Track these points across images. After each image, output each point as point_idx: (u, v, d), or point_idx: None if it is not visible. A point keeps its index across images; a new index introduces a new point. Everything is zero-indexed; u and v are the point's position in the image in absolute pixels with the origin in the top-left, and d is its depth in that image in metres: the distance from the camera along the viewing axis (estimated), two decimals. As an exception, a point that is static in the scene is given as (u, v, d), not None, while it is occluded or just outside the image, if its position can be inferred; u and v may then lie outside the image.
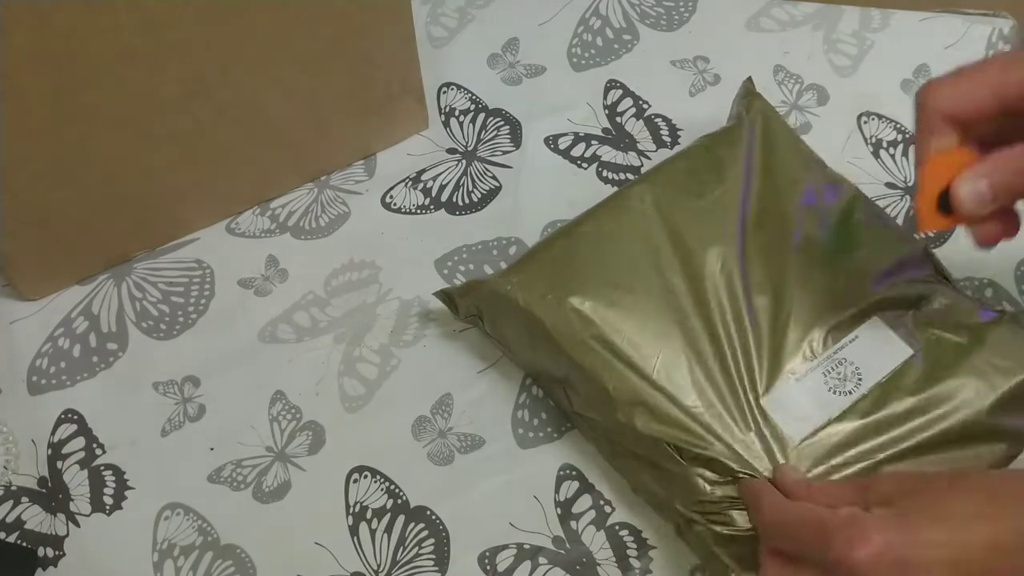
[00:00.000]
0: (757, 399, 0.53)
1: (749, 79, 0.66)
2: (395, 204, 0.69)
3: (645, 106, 0.73)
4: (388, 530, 0.57)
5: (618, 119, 0.72)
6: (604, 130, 0.72)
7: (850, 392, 0.53)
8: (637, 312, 0.55)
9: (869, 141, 0.71)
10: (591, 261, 0.57)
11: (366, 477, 0.58)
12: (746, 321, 0.55)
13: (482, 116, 0.73)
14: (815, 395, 0.53)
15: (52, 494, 0.59)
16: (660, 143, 0.71)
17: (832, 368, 0.54)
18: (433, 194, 0.69)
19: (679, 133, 0.71)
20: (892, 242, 0.59)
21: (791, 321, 0.55)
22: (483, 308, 0.59)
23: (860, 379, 0.53)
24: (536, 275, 0.57)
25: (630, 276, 0.56)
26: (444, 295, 0.61)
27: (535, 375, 0.61)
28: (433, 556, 0.56)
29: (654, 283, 0.56)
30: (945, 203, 0.45)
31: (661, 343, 0.54)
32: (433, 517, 0.57)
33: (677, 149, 0.70)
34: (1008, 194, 0.44)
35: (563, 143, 0.71)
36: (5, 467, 0.59)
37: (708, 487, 0.51)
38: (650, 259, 0.57)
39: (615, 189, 0.66)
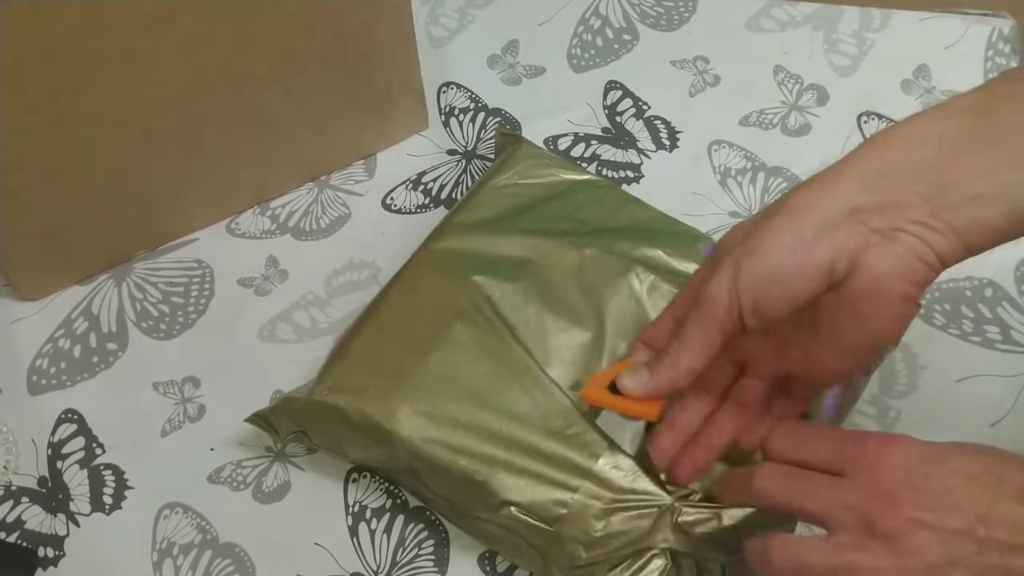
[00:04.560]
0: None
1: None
2: (395, 205, 0.69)
3: (645, 107, 0.73)
4: (387, 530, 0.57)
5: (618, 119, 0.72)
6: (604, 130, 0.72)
7: None
8: (462, 377, 0.54)
9: (869, 141, 0.71)
10: (403, 340, 0.55)
11: (365, 477, 0.58)
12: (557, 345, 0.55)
13: (482, 116, 0.73)
14: None
15: (52, 494, 0.59)
16: (659, 144, 0.71)
17: None
18: (433, 193, 0.69)
19: (678, 135, 0.71)
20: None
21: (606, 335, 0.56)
22: (305, 423, 0.56)
23: None
24: (350, 371, 0.55)
25: (444, 342, 0.55)
26: (258, 419, 0.57)
27: (381, 470, 0.58)
28: (433, 557, 0.56)
29: (467, 342, 0.55)
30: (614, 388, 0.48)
31: (491, 406, 0.53)
32: (432, 517, 0.57)
33: (676, 152, 0.70)
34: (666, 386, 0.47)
35: (563, 143, 0.71)
36: (5, 467, 0.59)
37: (584, 552, 0.51)
38: (457, 319, 0.56)
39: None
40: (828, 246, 0.40)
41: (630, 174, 0.69)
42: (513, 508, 0.51)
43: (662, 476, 0.51)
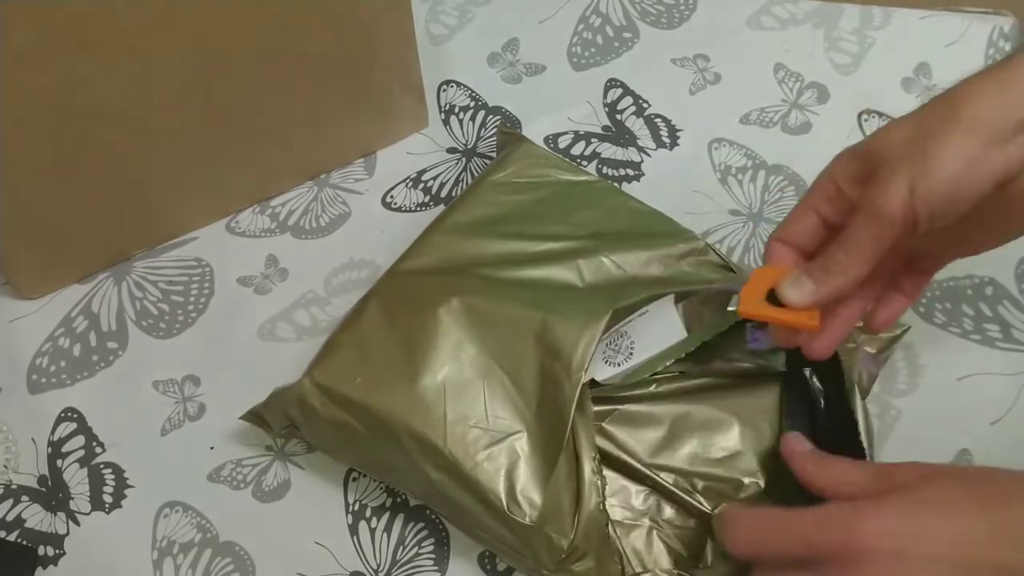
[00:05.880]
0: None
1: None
2: (395, 203, 0.69)
3: (645, 105, 0.73)
4: (388, 529, 0.57)
5: (618, 117, 0.72)
6: (604, 128, 0.72)
7: (619, 364, 0.55)
8: (443, 367, 0.53)
9: (869, 139, 0.70)
10: (388, 333, 0.54)
11: (365, 476, 0.58)
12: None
13: (482, 114, 0.72)
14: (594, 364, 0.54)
15: (52, 492, 0.59)
16: (660, 143, 0.71)
17: (613, 340, 0.55)
18: (433, 192, 0.69)
19: (679, 133, 0.71)
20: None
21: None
22: (295, 416, 0.55)
23: (631, 353, 0.55)
24: (339, 363, 0.54)
25: (430, 337, 0.53)
26: (252, 415, 0.57)
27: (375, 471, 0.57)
28: (433, 556, 0.56)
29: (451, 334, 0.54)
30: (773, 299, 0.47)
31: (471, 396, 0.52)
32: (433, 516, 0.57)
33: (676, 150, 0.70)
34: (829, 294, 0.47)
35: (563, 142, 0.71)
36: (5, 466, 0.59)
37: (564, 540, 0.50)
38: (440, 309, 0.54)
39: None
40: (1001, 160, 0.42)
41: (630, 172, 0.69)
42: (491, 495, 0.50)
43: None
